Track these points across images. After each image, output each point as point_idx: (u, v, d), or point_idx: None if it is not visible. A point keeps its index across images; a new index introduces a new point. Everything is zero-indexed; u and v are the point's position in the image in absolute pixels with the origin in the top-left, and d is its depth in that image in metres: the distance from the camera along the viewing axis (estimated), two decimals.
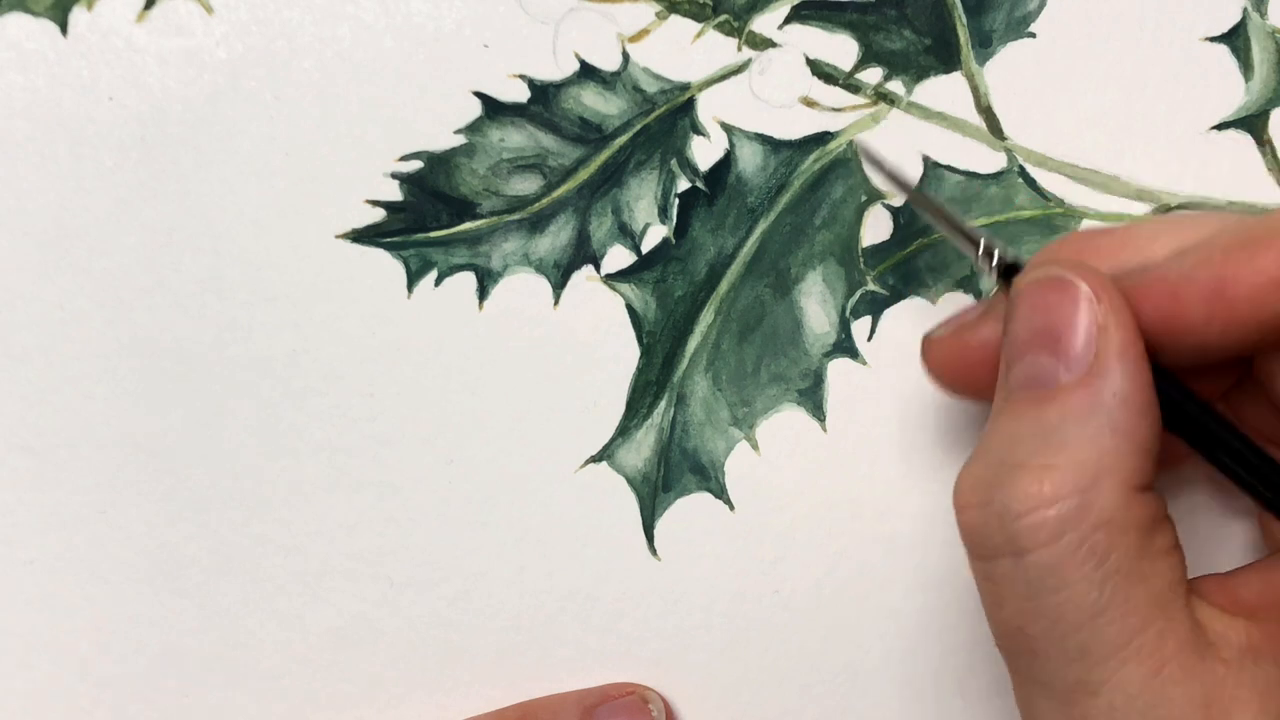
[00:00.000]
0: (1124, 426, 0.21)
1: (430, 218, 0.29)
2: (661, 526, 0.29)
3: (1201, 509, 0.29)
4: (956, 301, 0.29)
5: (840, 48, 0.30)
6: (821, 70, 0.30)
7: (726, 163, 0.29)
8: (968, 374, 0.24)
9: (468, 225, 0.29)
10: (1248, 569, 0.24)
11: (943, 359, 0.25)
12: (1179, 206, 0.30)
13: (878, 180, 0.29)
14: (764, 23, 0.29)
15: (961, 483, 0.22)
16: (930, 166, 0.29)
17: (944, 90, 0.30)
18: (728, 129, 0.29)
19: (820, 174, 0.29)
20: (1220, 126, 0.30)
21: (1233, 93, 0.30)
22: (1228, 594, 0.23)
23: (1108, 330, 0.21)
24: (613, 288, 0.29)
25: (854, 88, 0.30)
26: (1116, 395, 0.21)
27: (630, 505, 0.29)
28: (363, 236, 0.29)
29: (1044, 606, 0.21)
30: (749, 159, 0.29)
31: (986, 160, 0.30)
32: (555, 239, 0.29)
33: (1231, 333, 0.21)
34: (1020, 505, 0.21)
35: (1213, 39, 0.30)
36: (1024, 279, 0.23)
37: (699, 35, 0.29)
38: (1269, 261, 0.21)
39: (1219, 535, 0.29)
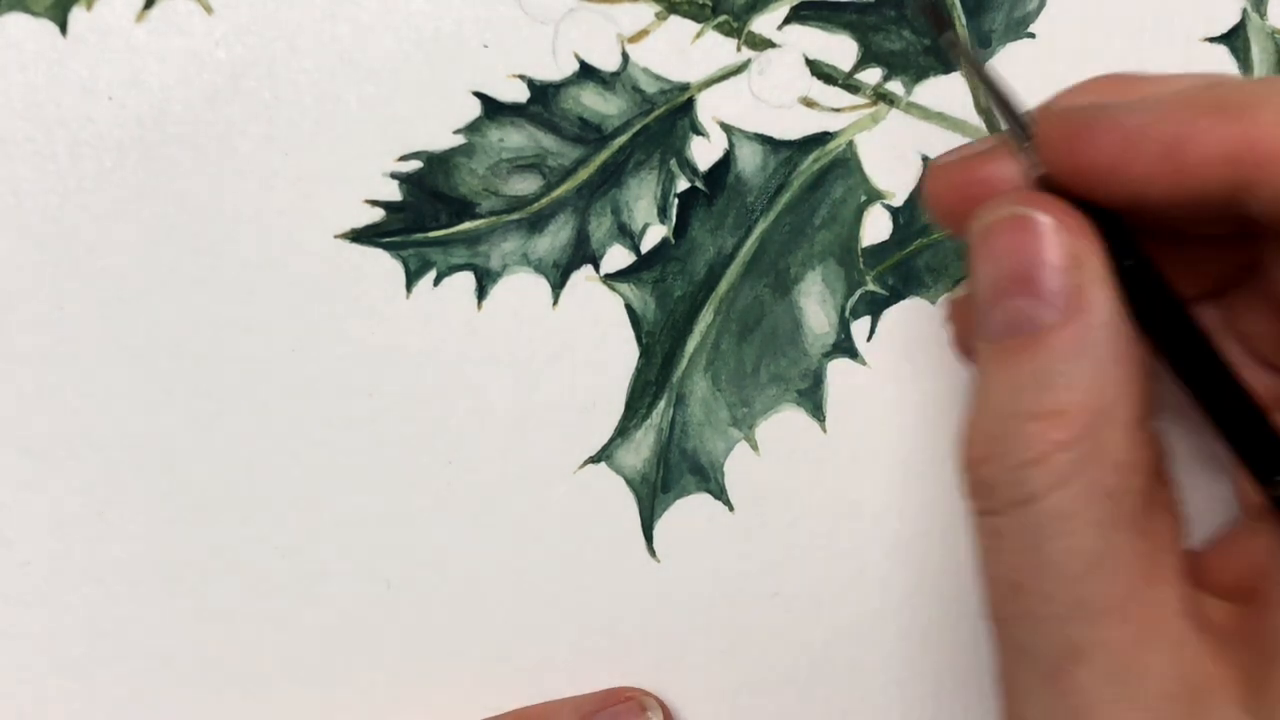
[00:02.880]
0: (1120, 355, 0.20)
1: (429, 217, 0.29)
2: (660, 527, 0.29)
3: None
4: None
5: (840, 48, 0.30)
6: (821, 70, 0.30)
7: (726, 163, 0.29)
8: (966, 208, 0.22)
9: (467, 225, 0.29)
10: (1222, 545, 0.23)
11: (944, 187, 0.24)
12: None
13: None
14: (763, 23, 0.29)
15: (967, 439, 0.21)
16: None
17: (943, 90, 0.30)
18: (727, 129, 0.29)
19: (820, 174, 0.29)
20: None
21: None
22: (1204, 571, 0.22)
23: (1082, 260, 0.20)
24: (612, 288, 0.29)
25: (853, 88, 0.30)
26: (1106, 326, 0.20)
27: (629, 506, 0.29)
28: (362, 236, 0.29)
29: (1046, 556, 0.20)
30: (748, 159, 0.29)
31: None
32: (554, 239, 0.29)
33: (1176, 197, 0.20)
34: (1031, 453, 0.20)
35: (1212, 40, 0.30)
36: (982, 220, 0.21)
37: (698, 36, 0.29)
38: (1233, 133, 0.19)
39: (1194, 501, 0.28)
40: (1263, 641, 0.20)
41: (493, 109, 0.29)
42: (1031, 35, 0.30)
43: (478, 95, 0.29)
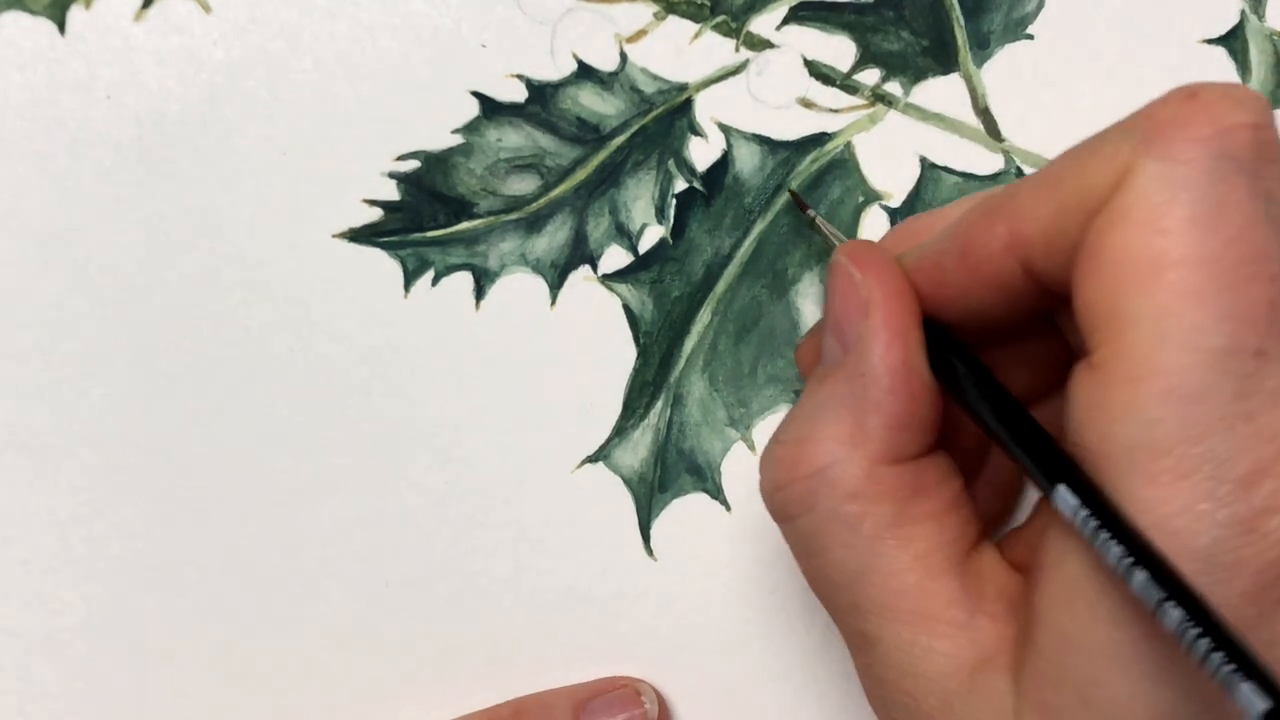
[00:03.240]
0: (876, 403, 0.22)
1: (427, 217, 0.29)
2: (658, 527, 0.29)
3: None
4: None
5: (838, 49, 0.30)
6: (819, 71, 0.30)
7: (724, 163, 0.29)
8: None
9: (465, 225, 0.29)
10: (1028, 522, 0.24)
11: (805, 362, 0.26)
12: None
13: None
14: (762, 23, 0.29)
15: (761, 453, 0.24)
16: (927, 168, 0.29)
17: (942, 91, 0.30)
18: (725, 129, 0.29)
19: (818, 175, 0.29)
20: None
21: None
22: (1012, 548, 0.24)
23: (870, 310, 0.22)
24: (610, 288, 0.29)
25: (852, 89, 0.30)
26: (868, 374, 0.22)
27: (626, 505, 0.29)
28: (360, 236, 0.29)
29: (817, 566, 0.23)
30: (746, 159, 0.29)
31: (984, 161, 0.30)
32: (552, 239, 0.29)
33: (986, 296, 0.22)
34: (782, 476, 0.23)
35: (1211, 41, 0.30)
36: (830, 261, 0.24)
37: (697, 36, 0.29)
38: (1002, 228, 0.21)
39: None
40: (1026, 613, 0.21)
41: (491, 109, 0.29)
42: (1030, 36, 0.30)
43: (476, 95, 0.29)
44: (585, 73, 0.29)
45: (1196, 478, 0.18)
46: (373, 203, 0.29)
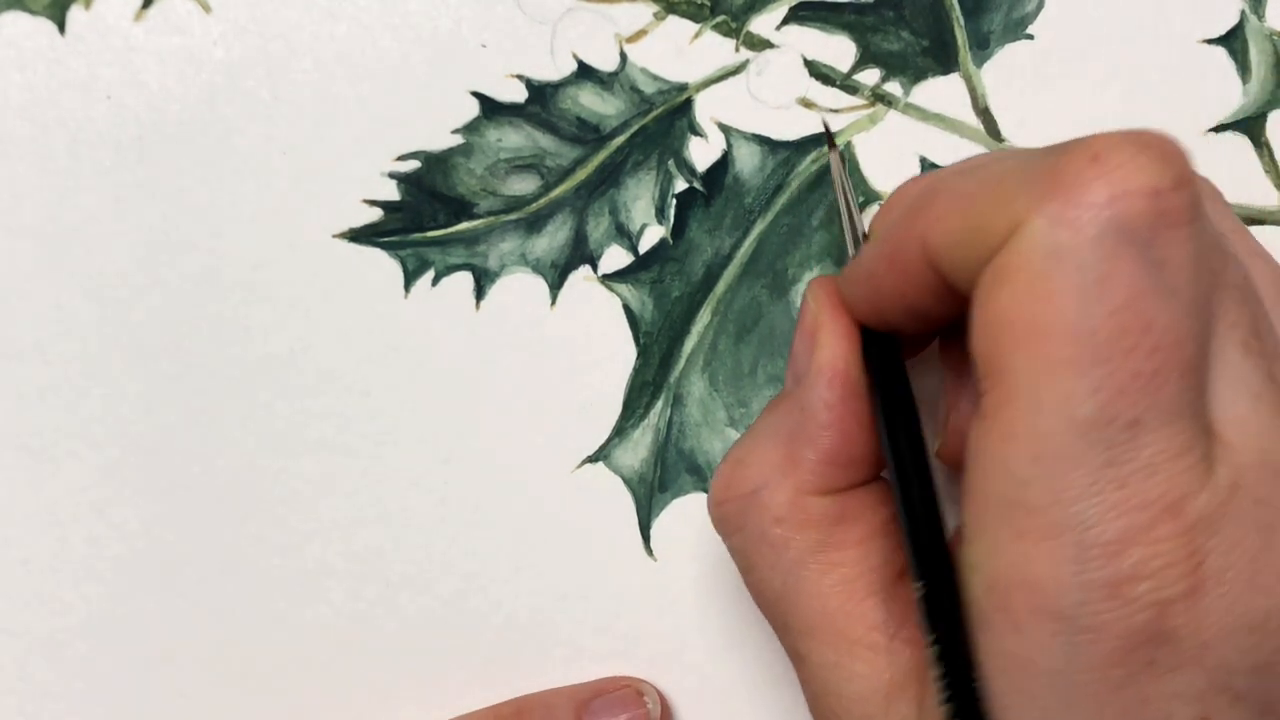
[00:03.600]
0: (809, 436, 0.23)
1: (427, 217, 0.29)
2: (658, 526, 0.29)
3: None
4: None
5: (838, 49, 0.30)
6: (819, 71, 0.30)
7: (724, 163, 0.29)
8: None
9: (465, 225, 0.29)
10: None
11: None
12: None
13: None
14: (762, 23, 0.29)
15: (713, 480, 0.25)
16: (928, 168, 0.29)
17: (942, 91, 0.30)
18: (725, 129, 0.29)
19: (818, 175, 0.29)
20: (1218, 129, 0.30)
21: (1230, 95, 0.30)
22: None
23: (818, 347, 0.23)
24: (610, 288, 0.29)
25: (852, 89, 0.30)
26: (806, 409, 0.23)
27: (626, 505, 0.29)
28: (360, 236, 0.29)
29: (750, 583, 0.24)
30: (746, 160, 0.29)
31: None
32: (552, 239, 0.29)
33: (917, 300, 0.22)
34: (718, 494, 0.24)
35: (1210, 41, 0.30)
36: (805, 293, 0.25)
37: (697, 36, 0.29)
38: (918, 234, 0.21)
39: None
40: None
41: (491, 109, 0.29)
42: (1030, 36, 0.30)
43: (476, 95, 0.29)
44: (585, 73, 0.29)
45: (1063, 540, 0.19)
46: (373, 203, 0.29)
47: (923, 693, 0.21)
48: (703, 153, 0.29)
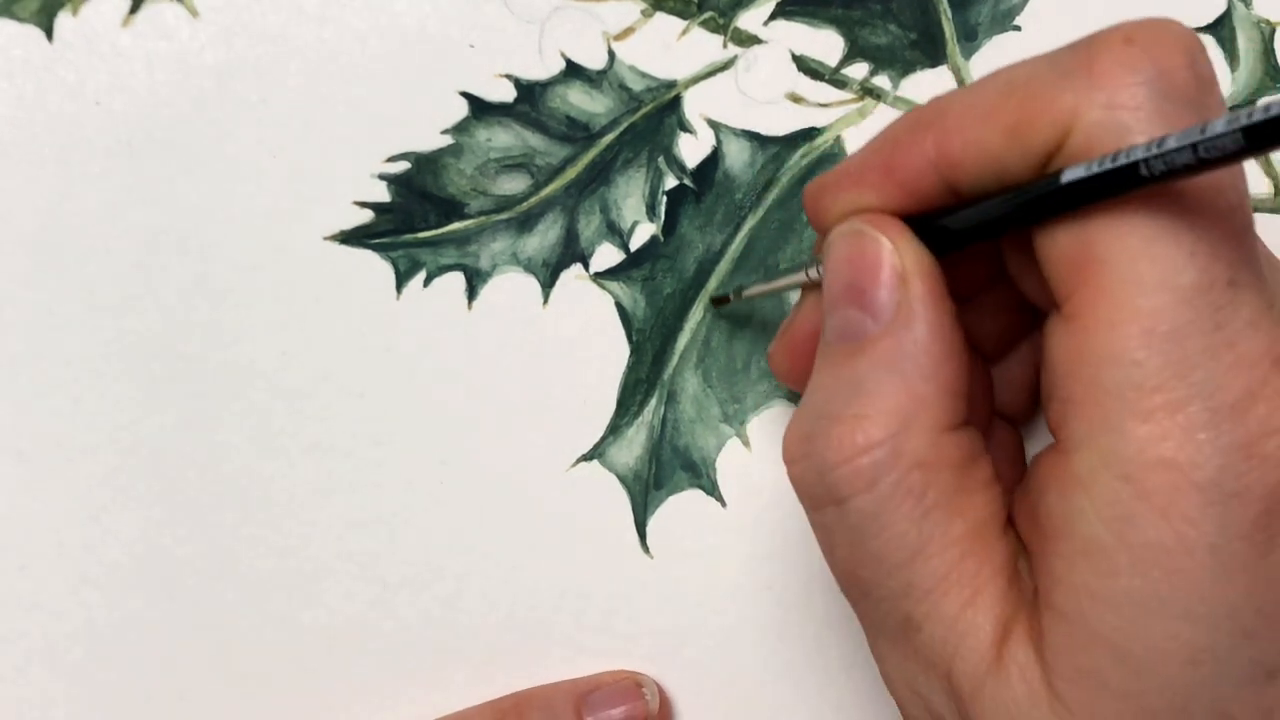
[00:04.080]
0: (929, 371, 0.22)
1: (418, 218, 0.29)
2: (653, 524, 0.29)
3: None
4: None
5: (826, 43, 0.30)
6: (807, 66, 0.30)
7: (714, 159, 0.29)
8: (807, 365, 0.25)
9: (456, 225, 0.29)
10: (1020, 490, 0.24)
11: (781, 362, 0.26)
12: None
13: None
14: (749, 19, 0.29)
15: (786, 438, 0.23)
16: None
17: (930, 84, 0.30)
18: (715, 126, 0.29)
19: (808, 170, 0.29)
20: None
21: (1219, 83, 0.30)
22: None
23: (908, 280, 0.22)
24: (602, 286, 0.29)
25: (840, 83, 0.30)
26: (919, 342, 0.22)
27: (622, 503, 0.29)
28: (351, 238, 0.29)
29: (870, 550, 0.22)
30: (736, 155, 0.29)
31: None
32: (544, 238, 0.29)
33: (908, 210, 0.22)
34: (836, 456, 0.22)
35: (1198, 29, 0.30)
36: (833, 233, 0.23)
37: (684, 32, 0.29)
38: (929, 145, 0.21)
39: None
40: (1038, 580, 0.21)
41: (480, 109, 0.29)
42: (1017, 28, 0.30)
43: (465, 95, 0.29)
44: (574, 71, 0.29)
45: (1190, 409, 0.19)
46: (363, 204, 0.29)
47: (1033, 633, 0.21)
48: (692, 149, 0.29)
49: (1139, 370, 0.19)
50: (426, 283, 0.29)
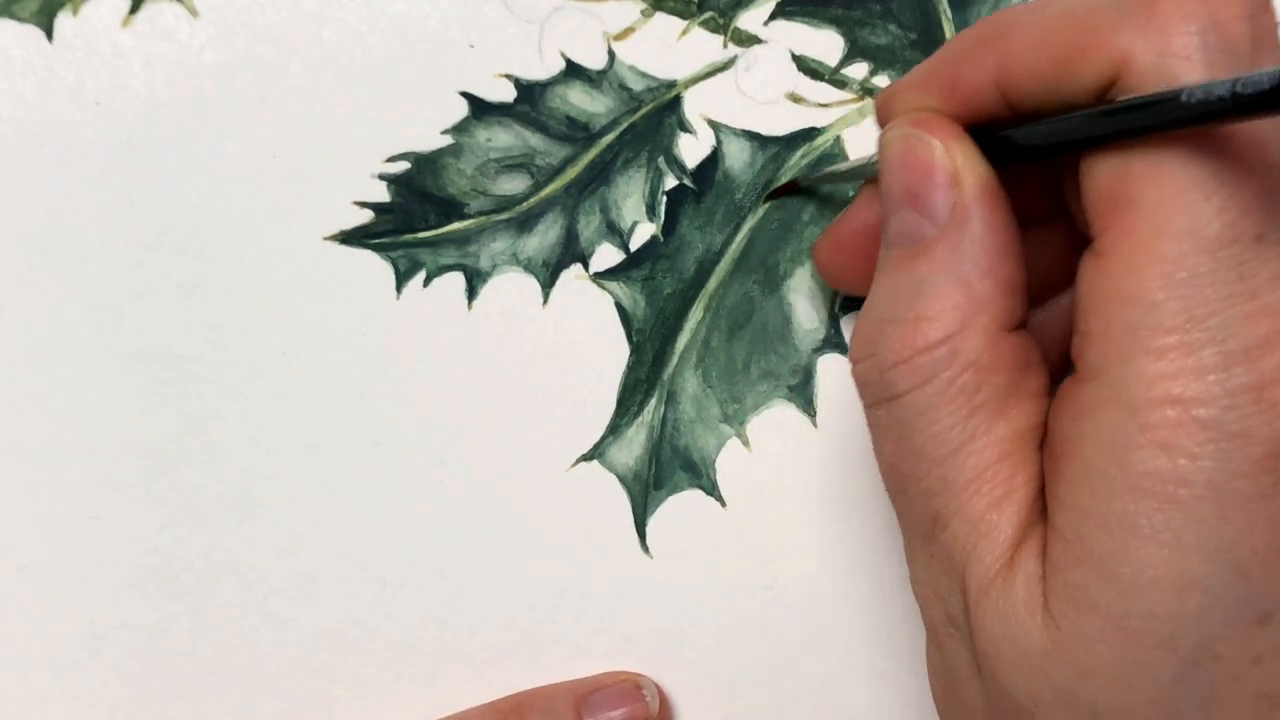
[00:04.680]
0: (986, 269, 0.22)
1: (418, 218, 0.29)
2: (653, 524, 0.29)
3: None
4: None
5: (826, 43, 0.30)
6: (807, 66, 0.30)
7: (714, 159, 0.29)
8: (850, 262, 0.25)
9: (456, 225, 0.29)
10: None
11: (825, 256, 0.27)
12: None
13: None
14: (749, 19, 0.29)
15: (852, 339, 0.24)
16: None
17: None
18: (715, 126, 0.29)
19: (807, 170, 0.29)
20: None
21: None
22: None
23: (961, 180, 0.22)
24: (601, 286, 0.29)
25: (840, 83, 0.30)
26: (976, 242, 0.22)
27: (622, 503, 0.29)
28: (351, 238, 0.29)
29: (914, 445, 0.23)
30: (736, 155, 0.29)
31: None
32: (543, 238, 0.29)
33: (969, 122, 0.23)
34: (895, 356, 0.22)
35: None
36: (886, 135, 0.24)
37: (684, 33, 0.29)
38: (991, 63, 0.22)
39: None
40: (1045, 500, 0.22)
41: (480, 109, 0.29)
42: None
43: (465, 95, 0.29)
44: (574, 71, 0.29)
45: (1203, 352, 0.19)
46: (363, 205, 0.29)
47: (1041, 546, 0.21)
48: (692, 149, 0.29)
49: (1156, 311, 0.19)
50: (426, 283, 0.29)
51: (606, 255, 0.29)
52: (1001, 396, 0.22)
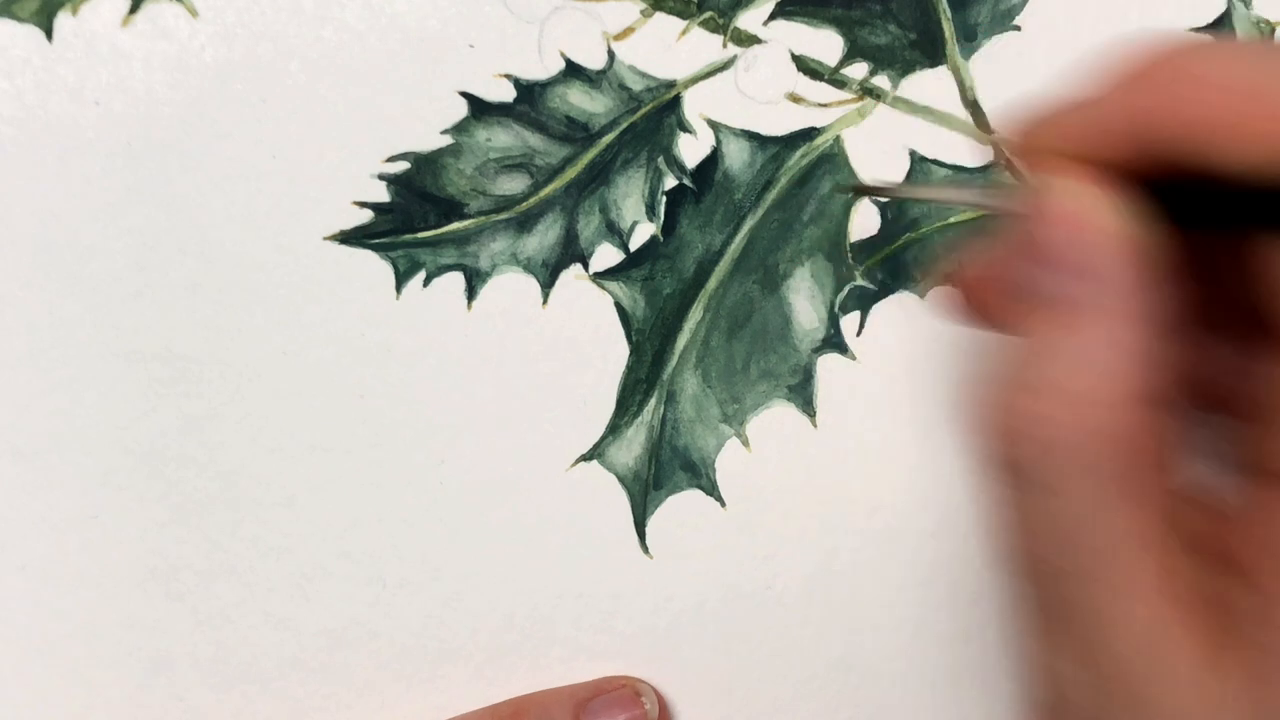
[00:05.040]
0: (1123, 339, 0.21)
1: (418, 218, 0.29)
2: (653, 524, 0.29)
3: None
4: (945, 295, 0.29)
5: (825, 43, 0.30)
6: (807, 66, 0.30)
7: (713, 160, 0.29)
8: (991, 307, 0.24)
9: (455, 225, 0.29)
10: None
11: (958, 298, 0.24)
12: None
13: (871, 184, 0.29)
14: (749, 19, 0.29)
15: (976, 402, 0.22)
16: (916, 161, 0.29)
17: (930, 84, 0.30)
18: (714, 126, 0.29)
19: (807, 170, 0.29)
20: None
21: None
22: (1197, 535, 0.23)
23: (1104, 243, 0.21)
24: (601, 286, 0.29)
25: (840, 83, 0.30)
26: (1116, 309, 0.21)
27: (621, 503, 0.29)
28: (351, 238, 0.29)
29: (1033, 521, 0.21)
30: (736, 156, 0.29)
31: (973, 154, 0.30)
32: (543, 238, 0.29)
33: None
34: (1022, 423, 0.21)
35: (1198, 29, 0.30)
36: (1041, 192, 0.22)
37: (684, 33, 0.29)
38: (1169, 107, 0.20)
39: None
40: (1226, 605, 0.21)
41: (480, 109, 0.29)
42: (1017, 28, 0.30)
43: (464, 95, 0.29)
44: (573, 71, 0.29)
45: None
46: (363, 204, 0.29)
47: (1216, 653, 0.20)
48: (692, 149, 0.29)
49: None
50: (426, 283, 0.29)
51: (606, 255, 0.29)
52: (1132, 480, 0.21)
